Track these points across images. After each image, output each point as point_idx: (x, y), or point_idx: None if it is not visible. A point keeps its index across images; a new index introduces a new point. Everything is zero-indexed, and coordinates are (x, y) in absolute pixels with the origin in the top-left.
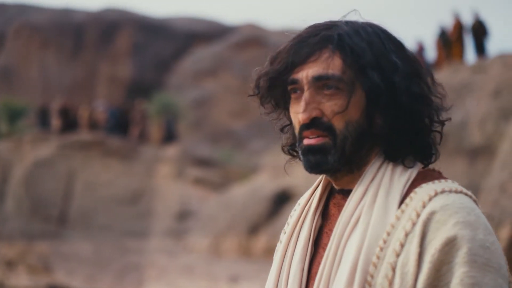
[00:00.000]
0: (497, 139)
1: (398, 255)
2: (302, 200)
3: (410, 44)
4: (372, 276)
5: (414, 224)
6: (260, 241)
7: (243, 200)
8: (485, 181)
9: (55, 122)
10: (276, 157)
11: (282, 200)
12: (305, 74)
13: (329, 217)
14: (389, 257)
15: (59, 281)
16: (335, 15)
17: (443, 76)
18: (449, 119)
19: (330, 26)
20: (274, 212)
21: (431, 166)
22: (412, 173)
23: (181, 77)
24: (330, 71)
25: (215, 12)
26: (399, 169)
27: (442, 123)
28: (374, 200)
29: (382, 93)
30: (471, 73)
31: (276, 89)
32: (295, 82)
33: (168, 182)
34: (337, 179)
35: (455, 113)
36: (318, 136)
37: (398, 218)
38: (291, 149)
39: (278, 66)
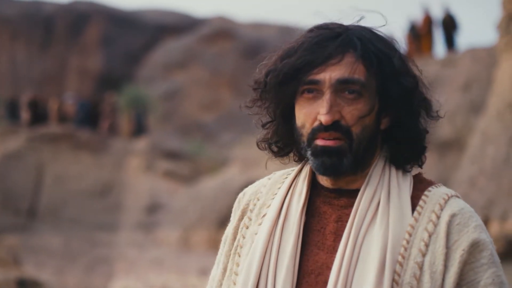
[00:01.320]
0: (467, 133)
1: (424, 255)
2: (262, 195)
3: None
4: (399, 275)
5: (435, 225)
6: None
7: (213, 193)
8: (455, 174)
9: (25, 114)
10: (246, 150)
11: None
12: (328, 76)
13: (318, 214)
14: (415, 256)
15: (29, 274)
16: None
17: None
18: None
19: (346, 28)
20: None
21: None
22: (411, 177)
23: (151, 70)
24: (356, 76)
25: (185, 4)
26: (400, 172)
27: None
28: (387, 202)
29: (410, 99)
30: (441, 66)
31: (286, 85)
32: (315, 82)
33: (138, 175)
34: (338, 179)
35: None
36: (334, 139)
37: (416, 220)
38: (275, 145)
39: (296, 63)
